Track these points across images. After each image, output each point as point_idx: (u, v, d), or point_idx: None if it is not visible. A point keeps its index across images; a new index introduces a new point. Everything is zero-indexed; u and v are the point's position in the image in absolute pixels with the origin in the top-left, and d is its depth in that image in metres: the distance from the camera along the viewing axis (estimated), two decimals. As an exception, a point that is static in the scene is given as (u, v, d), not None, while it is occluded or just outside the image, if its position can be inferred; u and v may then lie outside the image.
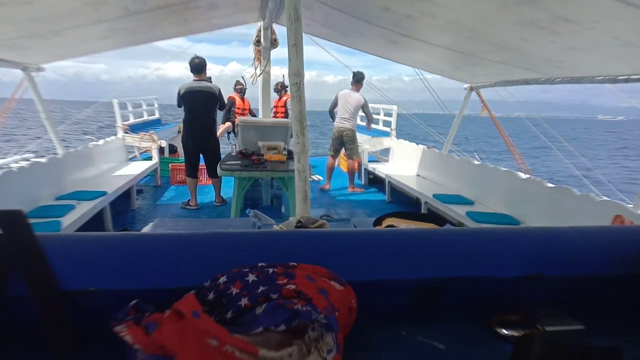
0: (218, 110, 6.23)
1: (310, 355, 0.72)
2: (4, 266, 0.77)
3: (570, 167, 6.58)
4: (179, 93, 5.75)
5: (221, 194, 6.42)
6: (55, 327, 0.75)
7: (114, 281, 0.84)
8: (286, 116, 8.15)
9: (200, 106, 5.78)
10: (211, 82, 5.96)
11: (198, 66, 5.83)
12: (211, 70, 6.07)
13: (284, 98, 8.43)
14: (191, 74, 5.88)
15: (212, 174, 6.16)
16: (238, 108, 8.45)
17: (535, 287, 0.97)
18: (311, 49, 7.17)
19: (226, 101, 6.96)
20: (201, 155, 6.16)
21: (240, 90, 8.48)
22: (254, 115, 8.69)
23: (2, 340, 0.82)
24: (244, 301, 0.76)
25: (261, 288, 0.78)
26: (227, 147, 6.94)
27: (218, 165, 4.90)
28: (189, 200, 6.28)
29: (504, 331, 0.92)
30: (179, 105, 5.85)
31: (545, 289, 0.98)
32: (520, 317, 0.93)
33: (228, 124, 8.30)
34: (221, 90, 6.01)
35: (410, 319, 0.96)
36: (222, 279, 0.81)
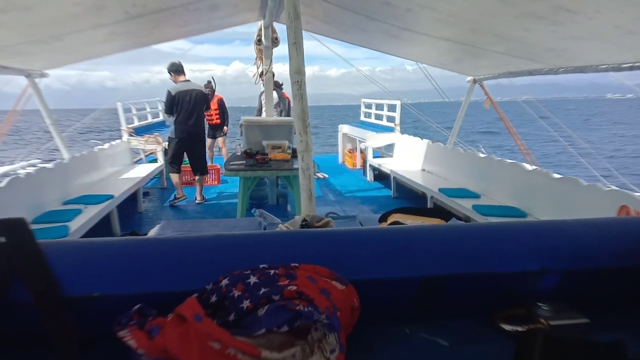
0: None
1: (314, 355, 0.72)
2: (7, 273, 0.78)
3: (577, 155, 6.53)
4: (169, 94, 5.81)
5: (202, 193, 6.58)
6: (58, 333, 0.76)
7: (116, 286, 0.85)
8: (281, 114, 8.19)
9: (194, 106, 5.90)
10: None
11: (180, 67, 5.98)
12: (214, 70, 6.16)
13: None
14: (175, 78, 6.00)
15: (198, 171, 6.40)
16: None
17: (539, 281, 0.97)
18: (313, 44, 7.21)
19: None
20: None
21: (208, 93, 8.52)
22: (224, 112, 8.85)
23: (7, 344, 0.82)
24: (246, 303, 0.76)
25: (263, 290, 0.78)
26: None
27: (224, 166, 4.92)
28: (174, 196, 6.44)
29: (508, 327, 0.91)
30: (169, 111, 5.92)
31: (549, 284, 0.98)
32: (524, 312, 0.93)
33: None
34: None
35: (413, 316, 0.96)
36: (224, 282, 0.81)
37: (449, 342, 0.89)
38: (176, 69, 5.96)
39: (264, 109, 8.04)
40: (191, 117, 5.89)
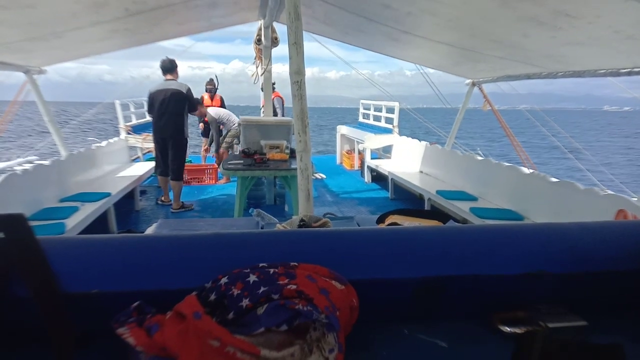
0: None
1: (312, 355, 0.72)
2: (6, 269, 0.78)
3: (574, 160, 6.55)
4: (148, 94, 5.77)
5: (181, 199, 6.13)
6: (57, 329, 0.76)
7: (115, 283, 0.84)
8: (275, 114, 8.19)
9: (168, 104, 5.68)
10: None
11: (168, 65, 5.84)
12: (213, 68, 6.11)
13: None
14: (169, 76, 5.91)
15: (173, 176, 5.95)
16: (207, 107, 8.54)
17: (538, 284, 0.97)
18: (313, 45, 7.20)
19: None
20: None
21: (211, 90, 8.62)
22: None
23: (5, 341, 0.82)
24: (245, 302, 0.76)
25: (262, 288, 0.78)
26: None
27: (221, 166, 4.89)
28: (162, 196, 6.39)
29: (507, 328, 0.91)
30: (148, 110, 5.87)
31: (547, 286, 0.98)
32: (522, 314, 0.93)
33: (206, 145, 8.81)
34: (190, 89, 5.91)
35: (412, 317, 0.96)
36: (223, 280, 0.81)
37: (448, 343, 0.89)
38: (163, 68, 5.86)
39: None
40: (161, 117, 5.69)
